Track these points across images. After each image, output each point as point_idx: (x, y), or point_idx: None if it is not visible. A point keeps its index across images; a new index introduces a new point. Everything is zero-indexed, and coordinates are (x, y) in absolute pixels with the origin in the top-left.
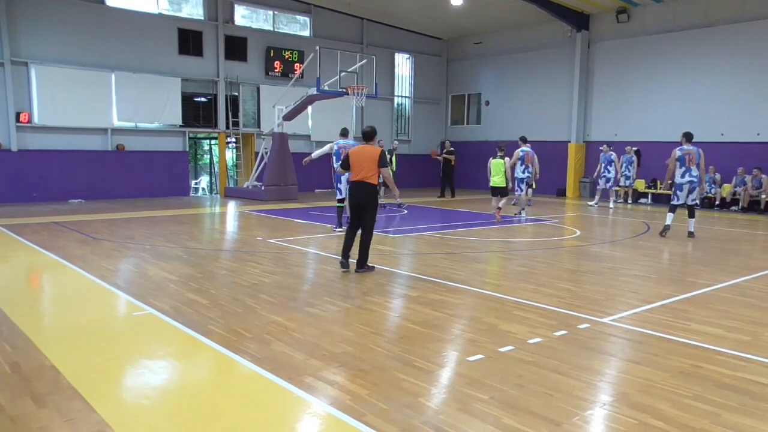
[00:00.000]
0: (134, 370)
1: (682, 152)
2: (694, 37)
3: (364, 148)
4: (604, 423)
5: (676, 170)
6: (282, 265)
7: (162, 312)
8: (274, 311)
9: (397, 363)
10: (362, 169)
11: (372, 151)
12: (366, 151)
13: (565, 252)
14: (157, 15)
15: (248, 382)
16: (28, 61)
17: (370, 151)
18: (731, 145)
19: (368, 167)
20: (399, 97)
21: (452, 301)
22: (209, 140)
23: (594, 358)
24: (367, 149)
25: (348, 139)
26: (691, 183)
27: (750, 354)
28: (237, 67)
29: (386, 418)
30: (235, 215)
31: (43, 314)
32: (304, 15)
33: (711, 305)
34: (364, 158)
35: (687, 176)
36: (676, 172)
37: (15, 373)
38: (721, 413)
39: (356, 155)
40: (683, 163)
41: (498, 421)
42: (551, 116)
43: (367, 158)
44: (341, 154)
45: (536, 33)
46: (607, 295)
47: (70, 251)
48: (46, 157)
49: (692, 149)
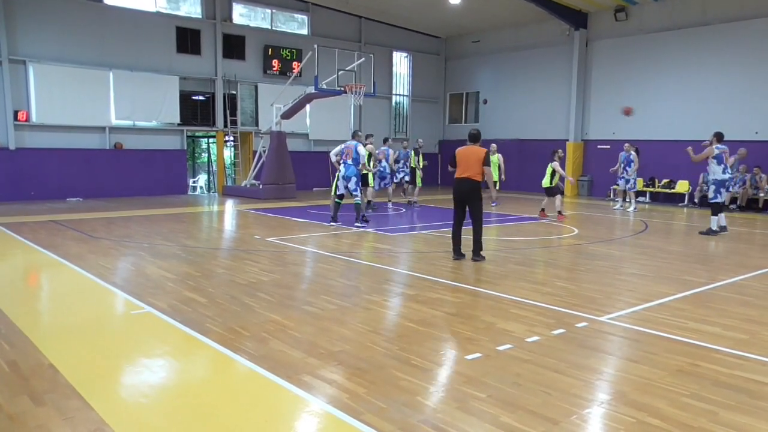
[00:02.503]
0: (132, 369)
1: (719, 150)
2: (692, 35)
3: (471, 148)
4: (601, 421)
5: (713, 167)
6: (280, 263)
7: (160, 310)
8: (272, 310)
9: (395, 361)
10: (469, 167)
11: (478, 151)
12: (473, 151)
13: (563, 250)
14: (154, 13)
15: (246, 381)
16: (26, 60)
17: (477, 151)
18: (729, 143)
19: (474, 165)
20: (397, 96)
21: (450, 300)
22: (207, 139)
23: (592, 356)
24: (474, 149)
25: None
26: (732, 179)
27: (748, 352)
28: (235, 65)
29: (384, 416)
30: (233, 214)
31: (41, 313)
32: (302, 13)
33: (709, 304)
34: (472, 157)
35: (728, 173)
36: (714, 169)
37: (13, 371)
38: (718, 411)
39: (463, 154)
40: (721, 160)
41: (496, 419)
42: (549, 115)
43: (474, 157)
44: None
45: (534, 31)
46: (605, 294)
47: (68, 250)
48: (44, 156)
49: (725, 147)
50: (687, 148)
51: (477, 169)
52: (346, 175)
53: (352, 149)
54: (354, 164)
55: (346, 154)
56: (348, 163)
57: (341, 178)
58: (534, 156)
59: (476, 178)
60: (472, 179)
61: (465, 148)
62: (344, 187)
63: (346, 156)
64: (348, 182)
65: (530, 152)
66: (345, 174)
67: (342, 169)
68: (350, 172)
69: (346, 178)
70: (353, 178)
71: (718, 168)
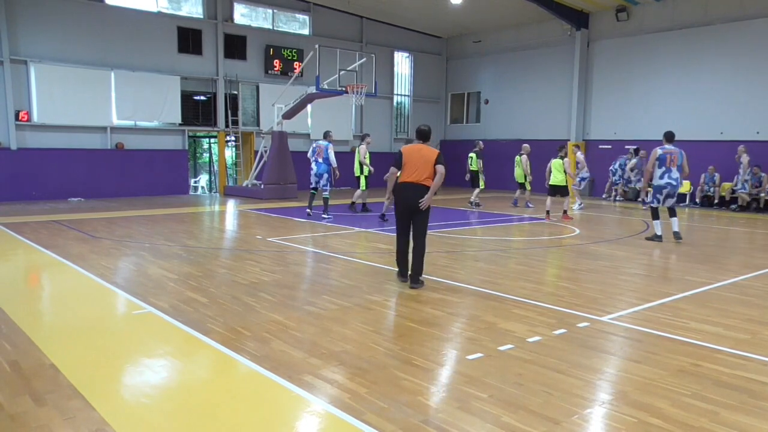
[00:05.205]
0: (134, 369)
1: (663, 151)
2: (694, 35)
3: (420, 147)
4: (603, 421)
5: (655, 171)
6: (281, 263)
7: (161, 311)
8: (273, 310)
9: (397, 361)
10: (418, 169)
11: (429, 151)
12: (423, 150)
13: (564, 250)
14: (156, 13)
15: (248, 381)
16: (27, 60)
17: (428, 150)
18: (730, 143)
19: (425, 168)
20: (398, 96)
21: (451, 300)
22: (209, 139)
23: (593, 356)
24: (423, 148)
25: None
26: (671, 186)
27: (749, 352)
28: (236, 65)
29: (386, 416)
30: (235, 214)
31: (42, 313)
32: (303, 13)
33: (710, 304)
34: (422, 159)
35: (666, 177)
36: (655, 173)
37: (14, 371)
38: (719, 411)
39: (412, 154)
40: (663, 163)
41: (497, 419)
42: (550, 115)
43: (425, 158)
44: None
45: (536, 31)
46: (606, 294)
47: (70, 250)
48: (45, 156)
49: (674, 149)
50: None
51: (428, 172)
52: (318, 172)
53: (323, 149)
54: (324, 162)
55: (318, 153)
56: (319, 161)
57: (313, 174)
58: (535, 156)
59: (427, 183)
60: (422, 184)
61: (413, 147)
62: (315, 182)
63: (317, 155)
64: (320, 179)
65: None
66: (317, 171)
67: (314, 167)
68: (321, 169)
69: (318, 175)
70: (324, 175)
71: (658, 171)
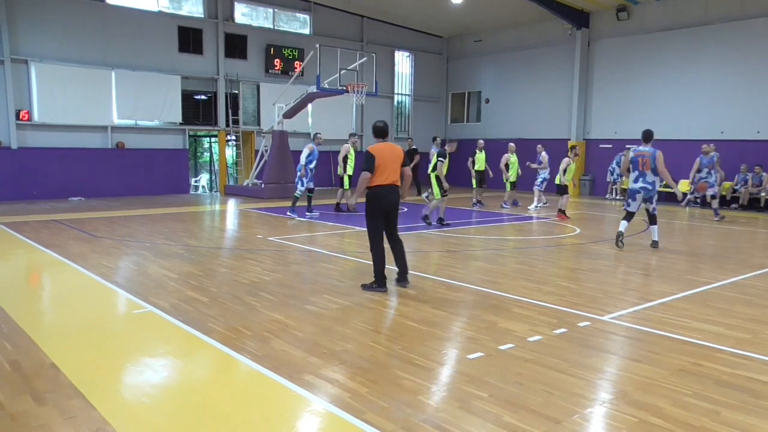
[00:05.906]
0: (134, 368)
1: (635, 153)
2: (694, 34)
3: (390, 147)
4: (603, 421)
5: (631, 173)
6: (282, 263)
7: (162, 310)
8: (274, 309)
9: (397, 361)
10: (395, 170)
11: (398, 150)
12: (394, 150)
13: (565, 250)
14: (157, 13)
15: (248, 380)
16: (28, 59)
17: (398, 150)
18: (731, 142)
19: (398, 168)
20: (399, 95)
21: (452, 299)
22: (209, 138)
23: (594, 356)
24: (393, 148)
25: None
26: (645, 190)
27: (750, 352)
28: (237, 64)
29: (386, 416)
30: (235, 213)
31: (42, 312)
32: (304, 13)
33: (711, 303)
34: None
35: (640, 182)
36: (630, 176)
37: (15, 370)
38: (720, 411)
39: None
40: (636, 166)
41: (498, 419)
42: (551, 114)
43: (397, 158)
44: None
45: (536, 31)
46: (607, 293)
47: (70, 249)
48: (46, 155)
49: (647, 151)
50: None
51: (399, 173)
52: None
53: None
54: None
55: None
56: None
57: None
58: (535, 156)
59: (398, 183)
60: (397, 186)
61: (383, 147)
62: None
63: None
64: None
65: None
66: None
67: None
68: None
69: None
70: (297, 173)
71: (632, 175)
